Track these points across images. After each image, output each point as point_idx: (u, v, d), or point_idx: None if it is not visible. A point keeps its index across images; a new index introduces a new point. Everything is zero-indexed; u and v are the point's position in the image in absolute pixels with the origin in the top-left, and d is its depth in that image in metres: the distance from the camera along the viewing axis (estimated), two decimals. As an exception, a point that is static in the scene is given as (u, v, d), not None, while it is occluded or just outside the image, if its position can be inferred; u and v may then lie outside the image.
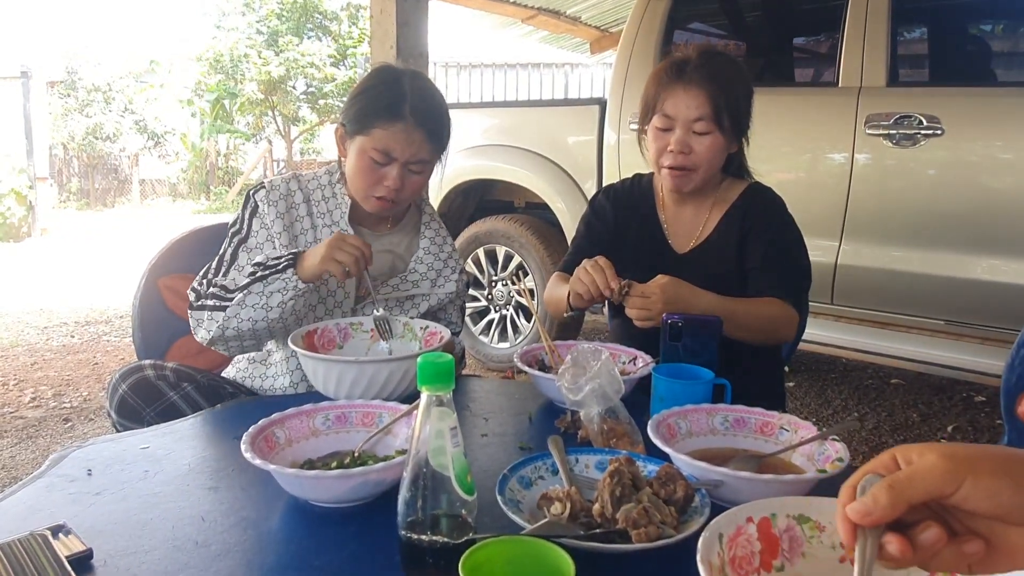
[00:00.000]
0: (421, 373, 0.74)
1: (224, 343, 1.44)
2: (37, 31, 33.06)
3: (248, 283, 1.38)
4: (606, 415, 1.11)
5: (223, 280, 1.47)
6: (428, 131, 1.49)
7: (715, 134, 1.54)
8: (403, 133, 1.46)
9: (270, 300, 1.37)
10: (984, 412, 3.49)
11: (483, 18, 6.86)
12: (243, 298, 1.37)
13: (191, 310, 1.46)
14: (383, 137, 1.46)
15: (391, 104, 1.46)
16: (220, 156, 17.87)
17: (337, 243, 1.35)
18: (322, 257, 1.35)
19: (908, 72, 3.14)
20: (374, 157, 1.47)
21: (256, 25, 17.22)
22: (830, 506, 0.74)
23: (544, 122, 3.89)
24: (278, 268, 1.37)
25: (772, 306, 1.51)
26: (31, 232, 10.22)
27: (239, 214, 1.55)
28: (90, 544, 0.80)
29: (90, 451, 1.08)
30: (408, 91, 1.48)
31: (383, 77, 1.52)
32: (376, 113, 1.47)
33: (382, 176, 1.49)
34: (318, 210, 1.57)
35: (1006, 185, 2.62)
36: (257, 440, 0.96)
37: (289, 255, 1.39)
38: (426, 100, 1.50)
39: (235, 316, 1.38)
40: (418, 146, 1.48)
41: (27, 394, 3.68)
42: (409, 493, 0.75)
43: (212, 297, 1.43)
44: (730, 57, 1.63)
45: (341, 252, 1.34)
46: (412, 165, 1.50)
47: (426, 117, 1.48)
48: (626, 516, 0.81)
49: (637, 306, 1.36)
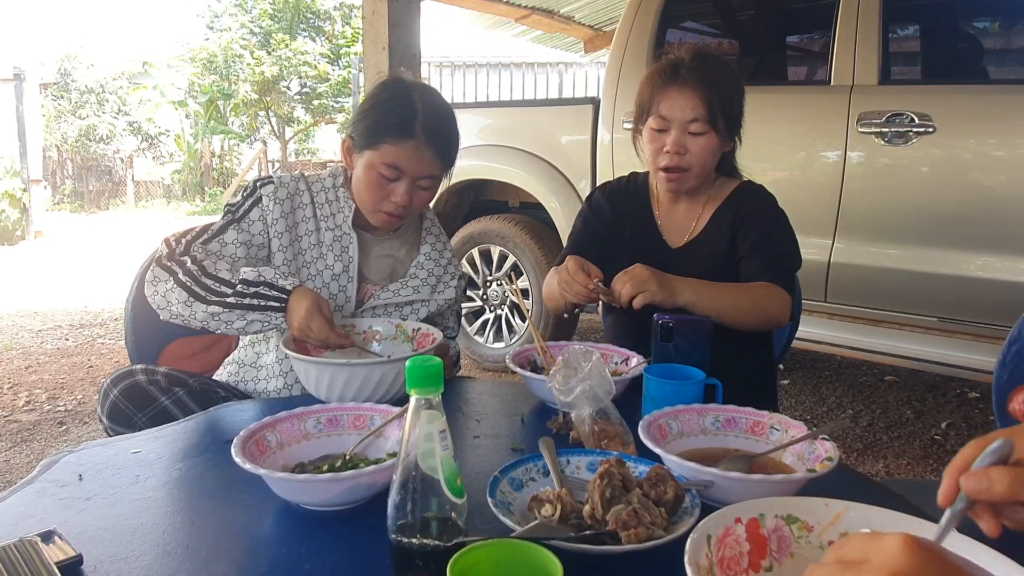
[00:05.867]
0: (410, 376, 0.74)
1: (176, 318, 1.41)
2: (30, 33, 32.96)
3: (233, 303, 1.35)
4: (597, 416, 1.11)
5: (204, 254, 1.43)
6: (438, 149, 1.48)
7: (710, 134, 1.56)
8: (414, 150, 1.45)
9: (248, 327, 1.37)
10: (978, 408, 3.51)
11: (477, 18, 6.86)
12: (220, 312, 1.36)
13: (157, 265, 1.41)
14: (393, 153, 1.45)
15: (403, 121, 1.45)
16: (215, 157, 17.83)
17: (307, 326, 1.33)
18: (297, 327, 1.33)
19: (900, 70, 3.15)
20: (383, 172, 1.46)
21: (249, 25, 17.19)
22: (818, 506, 0.74)
23: (538, 122, 3.89)
24: (270, 307, 1.35)
25: (761, 287, 1.53)
26: (25, 235, 10.18)
27: (240, 198, 1.53)
28: (80, 550, 0.80)
29: (81, 456, 1.08)
30: (420, 108, 1.46)
31: (394, 92, 1.50)
32: (387, 129, 1.45)
33: (390, 191, 1.48)
34: (322, 212, 1.56)
35: (998, 182, 2.63)
36: (248, 444, 0.96)
37: (283, 294, 1.36)
38: (438, 118, 1.49)
39: (207, 319, 1.36)
40: (428, 163, 1.48)
41: (21, 398, 3.67)
42: (399, 496, 0.75)
43: (189, 275, 1.38)
44: (722, 58, 1.67)
45: (310, 333, 1.33)
46: (421, 181, 1.49)
47: (437, 135, 1.47)
48: (616, 517, 0.81)
49: (624, 282, 1.41)
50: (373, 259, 1.60)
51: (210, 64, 16.81)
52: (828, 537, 0.73)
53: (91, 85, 17.21)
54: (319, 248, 1.54)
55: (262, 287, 1.36)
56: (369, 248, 1.60)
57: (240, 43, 16.75)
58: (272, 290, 1.36)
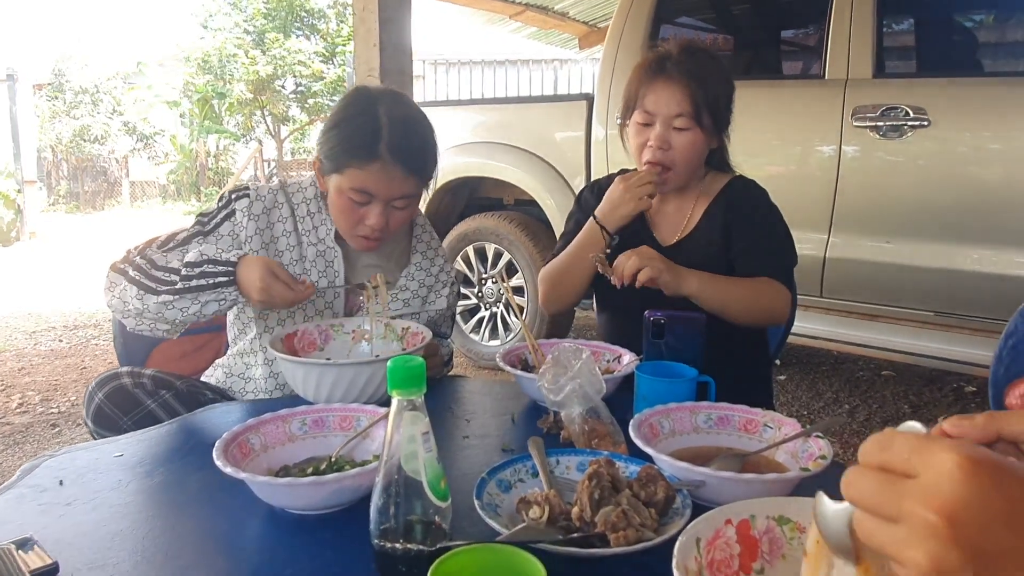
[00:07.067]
0: (391, 377, 0.72)
1: (133, 318, 1.37)
2: (23, 33, 32.85)
3: (182, 288, 1.30)
4: (588, 415, 1.10)
5: (158, 255, 1.38)
6: (408, 167, 1.38)
7: (695, 131, 1.54)
8: (381, 172, 1.36)
9: (204, 308, 1.32)
10: (975, 403, 3.50)
11: (471, 14, 6.83)
12: (172, 300, 1.30)
13: (112, 269, 1.38)
14: (360, 177, 1.36)
15: (366, 142, 1.35)
16: (210, 157, 17.79)
17: (267, 295, 1.28)
18: (259, 290, 1.28)
19: (894, 64, 3.14)
20: (352, 197, 1.38)
21: (243, 24, 17.14)
22: (809, 506, 0.73)
23: (532, 118, 3.88)
24: (219, 284, 1.30)
25: (764, 282, 1.52)
26: (20, 236, 10.15)
27: (214, 209, 1.47)
28: (57, 557, 0.78)
29: (63, 460, 1.06)
30: (384, 124, 1.35)
31: (357, 107, 1.40)
32: (349, 152, 1.36)
33: (363, 215, 1.40)
34: (303, 226, 1.49)
35: (994, 175, 2.62)
36: (230, 447, 0.94)
37: (228, 267, 1.30)
38: (405, 133, 1.38)
39: (161, 309, 1.31)
40: (399, 184, 1.38)
41: (14, 400, 3.65)
42: (382, 500, 0.73)
43: (138, 270, 1.34)
44: (711, 53, 1.64)
45: (273, 299, 1.28)
46: (395, 202, 1.41)
47: (405, 153, 1.37)
48: (605, 519, 0.79)
49: (629, 255, 1.40)
50: (360, 271, 1.54)
51: (205, 63, 16.76)
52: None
53: (85, 85, 17.17)
54: (301, 264, 1.48)
55: (206, 265, 1.31)
56: (355, 260, 1.54)
57: (235, 42, 16.71)
58: (217, 266, 1.31)
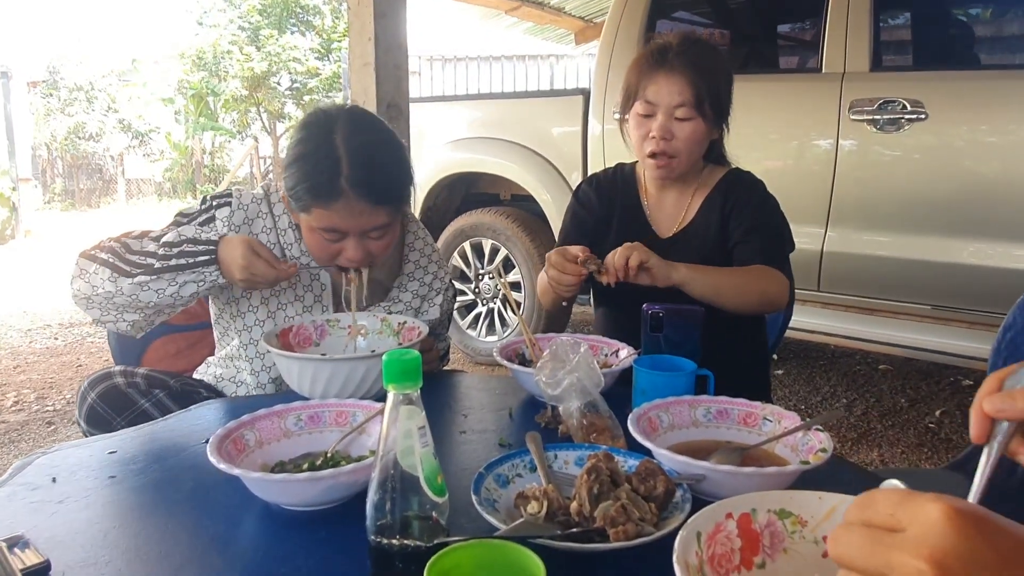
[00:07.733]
0: (387, 371, 0.72)
1: (98, 307, 1.32)
2: (17, 31, 32.71)
3: (160, 268, 1.26)
4: (586, 409, 1.09)
5: (133, 241, 1.35)
6: (374, 199, 1.29)
7: (697, 120, 1.53)
8: (346, 209, 1.28)
9: (182, 290, 1.28)
10: (972, 396, 3.48)
11: (467, 10, 6.82)
12: (148, 280, 1.26)
13: (81, 257, 1.34)
14: (326, 217, 1.29)
15: (324, 181, 1.27)
16: (206, 154, 17.74)
17: (249, 274, 1.25)
18: (241, 267, 1.25)
19: (891, 57, 3.13)
20: (324, 236, 1.32)
21: (238, 21, 17.07)
22: (811, 499, 0.72)
23: (528, 114, 3.86)
24: (199, 263, 1.27)
25: (759, 269, 1.50)
26: (15, 234, 10.11)
27: (194, 211, 1.42)
28: (48, 555, 0.77)
29: (55, 457, 1.05)
30: (343, 155, 1.27)
31: (314, 140, 1.30)
32: (311, 192, 1.28)
33: (339, 250, 1.34)
34: (285, 239, 1.43)
35: (991, 169, 2.61)
36: (224, 443, 0.93)
37: (210, 246, 1.27)
38: (367, 163, 1.29)
39: (136, 290, 1.27)
40: (368, 217, 1.31)
41: (9, 398, 3.63)
42: (378, 496, 0.72)
43: (112, 252, 1.30)
44: (710, 44, 1.64)
45: (255, 277, 1.26)
46: (370, 233, 1.34)
47: (369, 185, 1.28)
48: (604, 514, 0.78)
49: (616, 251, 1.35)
50: None
51: (199, 60, 16.70)
52: (822, 532, 0.70)
53: (80, 82, 17.10)
54: (288, 280, 1.41)
55: (186, 244, 1.28)
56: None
57: (229, 39, 16.65)
58: (197, 245, 1.28)
